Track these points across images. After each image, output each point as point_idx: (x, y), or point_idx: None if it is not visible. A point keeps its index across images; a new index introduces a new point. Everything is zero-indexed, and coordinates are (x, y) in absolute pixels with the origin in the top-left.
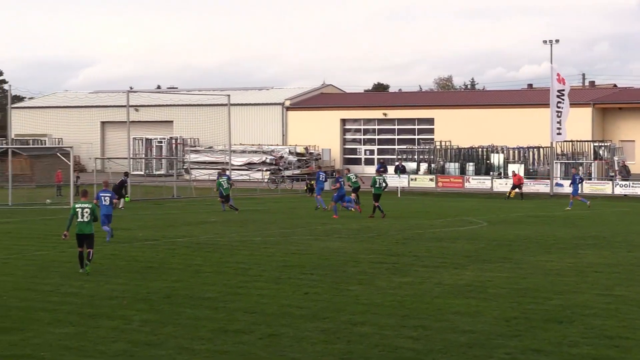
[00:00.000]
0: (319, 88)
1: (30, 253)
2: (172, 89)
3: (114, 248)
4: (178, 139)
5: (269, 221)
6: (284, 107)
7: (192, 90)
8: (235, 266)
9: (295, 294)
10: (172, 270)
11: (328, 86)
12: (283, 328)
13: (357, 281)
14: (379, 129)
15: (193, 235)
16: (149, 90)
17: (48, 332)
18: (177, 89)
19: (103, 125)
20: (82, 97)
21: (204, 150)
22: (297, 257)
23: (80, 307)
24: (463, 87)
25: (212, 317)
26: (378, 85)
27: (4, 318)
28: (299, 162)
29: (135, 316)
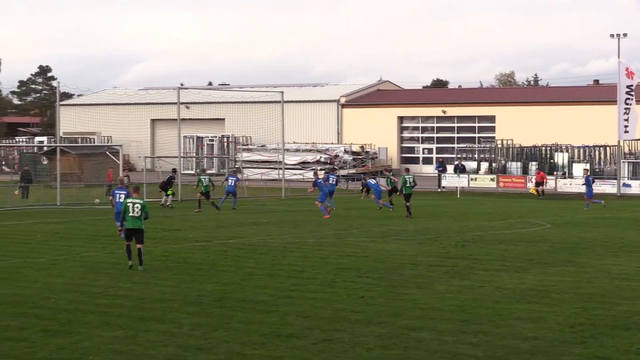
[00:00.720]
0: (375, 84)
1: (79, 254)
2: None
3: (164, 249)
4: (230, 137)
5: (322, 222)
6: (339, 104)
7: (245, 86)
8: (288, 268)
9: (350, 298)
10: (223, 272)
11: (385, 82)
12: (337, 333)
13: (415, 285)
14: (437, 126)
15: (245, 236)
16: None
17: (97, 335)
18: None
19: (153, 123)
20: (132, 94)
21: (257, 148)
22: (352, 259)
23: (129, 309)
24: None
25: (265, 321)
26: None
27: (52, 321)
28: (354, 161)
29: (186, 319)
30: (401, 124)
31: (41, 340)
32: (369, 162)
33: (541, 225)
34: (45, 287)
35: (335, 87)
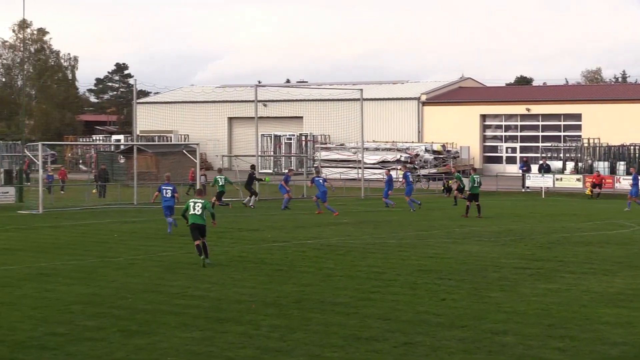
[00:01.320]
0: (457, 82)
1: (157, 254)
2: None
3: (241, 249)
4: (308, 136)
5: (403, 223)
6: (420, 101)
7: (323, 84)
8: (368, 270)
9: (431, 300)
10: (302, 273)
11: (467, 79)
12: (419, 336)
13: (499, 287)
14: (521, 125)
15: (324, 237)
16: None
17: (175, 336)
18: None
19: (230, 121)
20: (209, 92)
21: (335, 147)
22: (433, 261)
23: (207, 310)
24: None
25: (344, 324)
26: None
27: (130, 321)
28: (435, 161)
29: (264, 321)
30: (484, 123)
31: (119, 341)
32: (450, 162)
33: (630, 227)
34: (122, 287)
35: (415, 85)
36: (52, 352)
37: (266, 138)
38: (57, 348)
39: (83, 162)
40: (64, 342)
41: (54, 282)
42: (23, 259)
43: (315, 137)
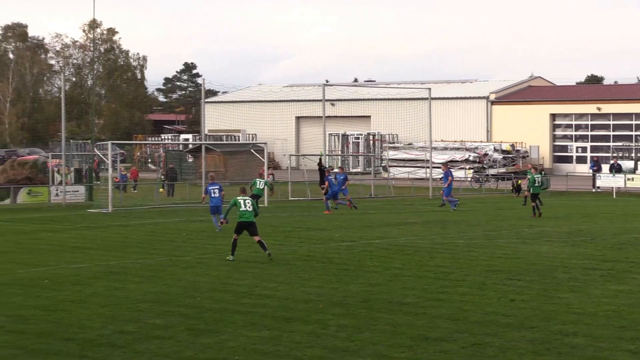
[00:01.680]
0: (526, 80)
1: (224, 253)
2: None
3: (309, 249)
4: (376, 135)
5: (472, 223)
6: (489, 101)
7: (391, 83)
8: (436, 270)
9: (500, 301)
10: (369, 273)
11: (536, 78)
12: (487, 337)
13: (569, 288)
14: (592, 124)
15: (391, 236)
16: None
17: (242, 335)
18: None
19: (298, 121)
20: (277, 91)
21: (403, 146)
22: (502, 261)
23: (274, 310)
24: None
25: (412, 324)
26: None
27: (198, 320)
28: (504, 160)
29: (331, 321)
30: (553, 122)
31: (187, 339)
32: (519, 161)
33: None
34: (190, 286)
35: (484, 84)
36: (121, 350)
37: (334, 137)
38: (126, 346)
39: (152, 161)
40: (132, 340)
41: (123, 280)
42: (93, 257)
43: (383, 136)
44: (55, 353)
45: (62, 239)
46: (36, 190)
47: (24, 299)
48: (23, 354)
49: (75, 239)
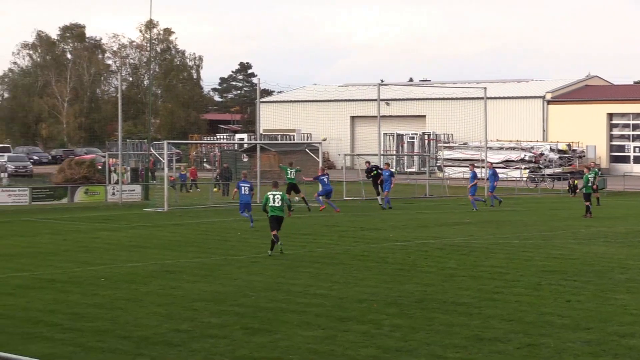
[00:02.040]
0: (583, 80)
1: (278, 252)
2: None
3: (363, 249)
4: (431, 135)
5: (527, 223)
6: (545, 100)
7: (446, 83)
8: (491, 270)
9: (556, 302)
10: (424, 273)
11: (593, 77)
12: (543, 338)
13: (626, 289)
14: None
15: (446, 236)
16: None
17: (297, 334)
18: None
19: (353, 120)
20: (332, 91)
21: (458, 146)
22: (558, 261)
23: (329, 309)
24: None
25: (466, 324)
26: None
27: (253, 319)
28: (560, 160)
29: (386, 320)
30: (610, 121)
31: (241, 338)
32: (575, 161)
33: None
34: (245, 285)
35: (540, 83)
36: (177, 349)
37: (388, 137)
38: (181, 344)
39: (207, 161)
40: (187, 338)
41: (179, 279)
42: (149, 256)
43: (438, 136)
44: (112, 351)
45: (119, 238)
46: (93, 190)
47: (81, 297)
48: (80, 351)
49: (131, 238)
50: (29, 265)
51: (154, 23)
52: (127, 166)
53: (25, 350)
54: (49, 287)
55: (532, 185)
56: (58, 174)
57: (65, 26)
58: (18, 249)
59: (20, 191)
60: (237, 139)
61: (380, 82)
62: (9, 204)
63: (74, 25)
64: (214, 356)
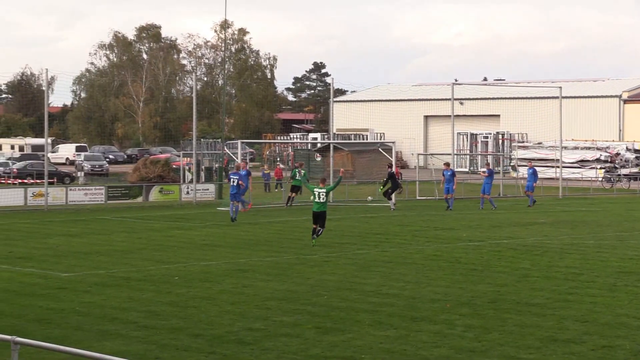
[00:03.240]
0: None
1: (352, 252)
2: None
3: (436, 248)
4: (505, 134)
5: (603, 223)
6: (621, 99)
7: (521, 82)
8: (565, 271)
9: (632, 303)
10: (497, 273)
11: None
12: (618, 340)
13: None
14: None
15: (519, 237)
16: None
17: (369, 334)
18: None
19: (426, 120)
20: (405, 90)
21: (533, 146)
22: (634, 262)
23: (401, 309)
24: None
25: (540, 325)
26: None
27: (325, 318)
28: (637, 160)
29: (459, 321)
30: None
31: (314, 337)
32: None
33: None
34: (318, 284)
35: (616, 82)
36: (250, 347)
37: (462, 136)
38: (254, 343)
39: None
40: (260, 337)
41: (251, 278)
42: (222, 255)
43: (512, 136)
44: (185, 349)
45: (192, 237)
46: (168, 188)
47: (155, 295)
48: (155, 348)
49: (204, 237)
50: (105, 263)
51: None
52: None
53: (101, 347)
54: (124, 285)
55: (608, 185)
56: (133, 172)
57: (142, 26)
58: (94, 247)
59: (97, 190)
60: (310, 138)
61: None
62: (86, 202)
63: (150, 26)
64: (287, 355)
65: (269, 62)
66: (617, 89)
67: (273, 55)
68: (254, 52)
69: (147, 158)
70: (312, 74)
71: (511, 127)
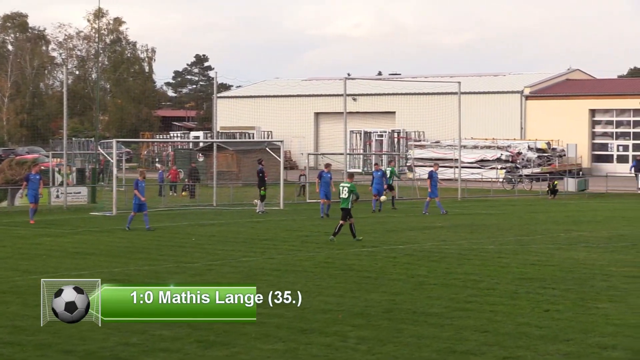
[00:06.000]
0: (564, 74)
1: (236, 259)
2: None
3: (328, 255)
4: (401, 132)
5: (503, 227)
6: (523, 95)
7: (418, 77)
8: (464, 278)
9: (533, 311)
10: (392, 281)
11: (574, 71)
12: (520, 350)
13: (607, 298)
14: (634, 120)
15: (416, 242)
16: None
17: (255, 347)
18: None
19: (317, 117)
20: (295, 85)
21: (430, 145)
22: (536, 268)
23: (290, 320)
24: None
25: (438, 336)
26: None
27: (207, 331)
28: (539, 160)
29: (351, 332)
30: (593, 118)
31: (195, 352)
32: (555, 160)
33: None
34: None
35: (518, 77)
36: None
37: (355, 134)
38: (130, 359)
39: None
40: (137, 352)
41: None
42: (95, 264)
43: (409, 134)
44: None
45: (63, 244)
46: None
47: (21, 308)
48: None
49: (76, 244)
50: None
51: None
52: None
53: None
54: None
55: (509, 186)
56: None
57: (6, 15)
58: None
59: None
60: (192, 137)
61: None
62: None
63: (15, 14)
64: None
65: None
66: (519, 85)
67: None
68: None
69: (13, 159)
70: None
71: (407, 125)
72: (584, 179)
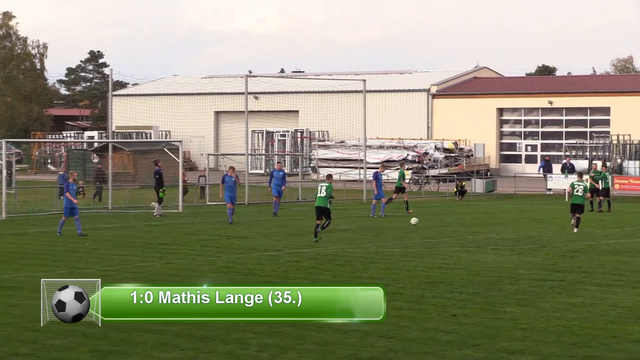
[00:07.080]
0: (471, 71)
1: (133, 264)
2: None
3: (228, 259)
4: (304, 132)
5: (409, 229)
6: (430, 94)
7: (321, 74)
8: (370, 282)
9: (440, 316)
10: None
11: (482, 69)
12: (426, 356)
13: (516, 302)
14: (542, 120)
15: (320, 245)
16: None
17: (153, 356)
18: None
19: (217, 116)
20: (194, 83)
21: (334, 145)
22: (443, 272)
23: (189, 328)
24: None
25: (342, 342)
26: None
27: (102, 340)
28: (446, 160)
29: (253, 340)
30: (501, 117)
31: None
32: (463, 161)
33: None
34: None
35: (424, 75)
36: None
37: (257, 134)
38: None
39: (52, 162)
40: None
41: (18, 296)
42: None
43: (312, 134)
44: None
45: None
46: None
47: None
48: None
49: None
50: None
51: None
52: None
53: None
54: None
55: (415, 187)
56: None
57: None
58: None
59: None
60: (86, 137)
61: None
62: None
63: None
64: None
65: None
66: (426, 83)
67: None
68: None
69: None
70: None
71: (311, 124)
72: (492, 180)
